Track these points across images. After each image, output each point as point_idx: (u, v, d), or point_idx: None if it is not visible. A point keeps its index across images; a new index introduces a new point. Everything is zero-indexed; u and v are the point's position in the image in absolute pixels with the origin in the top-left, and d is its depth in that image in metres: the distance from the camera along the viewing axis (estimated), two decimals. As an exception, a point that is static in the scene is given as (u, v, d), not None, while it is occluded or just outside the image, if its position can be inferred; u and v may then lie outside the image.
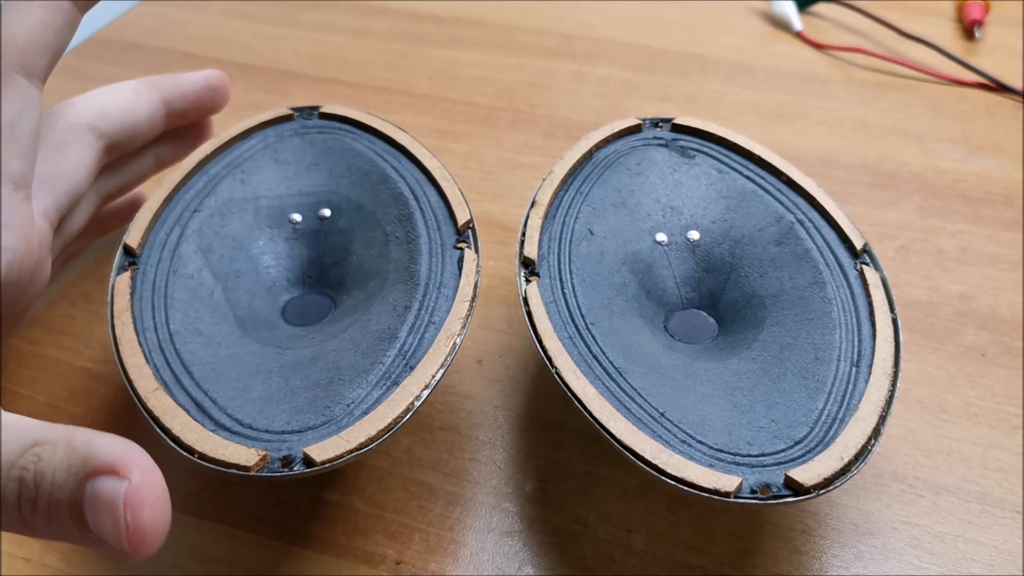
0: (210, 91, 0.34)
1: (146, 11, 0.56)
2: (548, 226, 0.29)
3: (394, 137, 0.32)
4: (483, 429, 0.30)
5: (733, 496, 0.21)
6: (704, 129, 0.32)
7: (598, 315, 0.26)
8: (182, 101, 0.33)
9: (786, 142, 0.43)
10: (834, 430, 0.23)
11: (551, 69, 0.49)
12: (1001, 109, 0.45)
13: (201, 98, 0.34)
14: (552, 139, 0.44)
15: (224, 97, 0.35)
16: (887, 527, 0.27)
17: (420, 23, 0.54)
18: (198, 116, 0.34)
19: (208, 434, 0.23)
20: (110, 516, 0.18)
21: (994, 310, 0.34)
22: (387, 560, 0.26)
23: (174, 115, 0.33)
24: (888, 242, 0.37)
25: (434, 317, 0.26)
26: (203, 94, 0.34)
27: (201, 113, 0.34)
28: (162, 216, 0.30)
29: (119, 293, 0.27)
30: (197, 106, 0.34)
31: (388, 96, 0.47)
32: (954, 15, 0.54)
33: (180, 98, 0.33)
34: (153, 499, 0.19)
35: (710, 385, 0.25)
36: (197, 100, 0.34)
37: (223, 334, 0.27)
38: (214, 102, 0.34)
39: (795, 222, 0.29)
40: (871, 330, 0.26)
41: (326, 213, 0.31)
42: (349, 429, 0.23)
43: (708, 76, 0.49)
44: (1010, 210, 0.39)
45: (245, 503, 0.28)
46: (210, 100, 0.34)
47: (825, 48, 0.51)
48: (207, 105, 0.34)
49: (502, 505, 0.28)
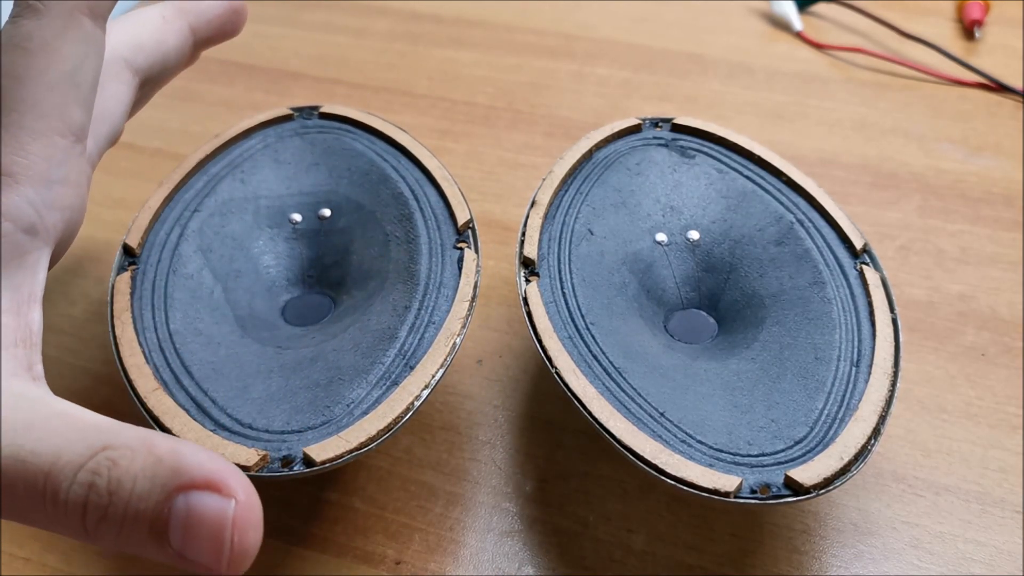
0: (233, 15, 0.32)
1: (146, 11, 0.56)
2: (548, 226, 0.29)
3: (394, 137, 0.32)
4: (483, 429, 0.30)
5: (733, 496, 0.21)
6: (704, 129, 0.32)
7: (598, 315, 0.26)
8: (208, 27, 0.31)
9: (786, 142, 0.43)
10: (834, 430, 0.23)
11: (551, 69, 0.49)
12: (1001, 109, 0.45)
13: (225, 23, 0.32)
14: (552, 139, 0.44)
15: (244, 18, 0.33)
16: (887, 527, 0.27)
17: (420, 23, 0.54)
18: (219, 40, 0.32)
19: (208, 434, 0.23)
20: (212, 536, 0.17)
21: (994, 310, 0.34)
22: (387, 560, 0.26)
23: (200, 42, 0.32)
24: (888, 242, 0.37)
25: (434, 317, 0.26)
26: (227, 18, 0.32)
27: (221, 38, 0.32)
28: (162, 216, 0.30)
29: (119, 293, 0.27)
30: (219, 32, 0.32)
31: (388, 96, 0.47)
32: (954, 15, 0.54)
33: (206, 24, 0.31)
34: (256, 521, 0.18)
35: (710, 385, 0.25)
36: (221, 25, 0.32)
37: (223, 334, 0.27)
38: (235, 25, 0.32)
39: (795, 222, 0.29)
40: (871, 330, 0.26)
41: (326, 213, 0.31)
42: (349, 429, 0.22)
43: (708, 76, 0.49)
44: (1010, 210, 0.39)
45: (245, 503, 0.28)
46: (232, 24, 0.32)
47: (825, 48, 0.51)
48: (229, 30, 0.32)
49: (502, 505, 0.28)
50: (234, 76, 0.49)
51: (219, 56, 0.51)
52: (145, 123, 0.45)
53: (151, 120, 0.46)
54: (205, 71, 0.50)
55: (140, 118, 0.45)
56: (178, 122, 0.46)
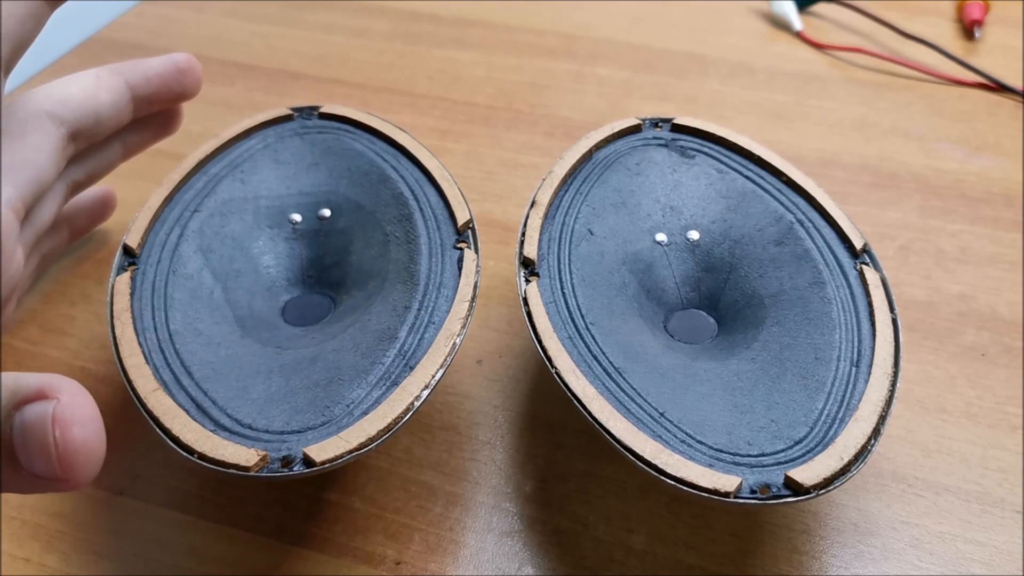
0: (177, 74, 0.33)
1: (146, 11, 0.56)
2: (548, 226, 0.29)
3: (394, 137, 0.32)
4: (483, 429, 0.30)
5: (733, 496, 0.21)
6: (704, 129, 0.32)
7: (598, 315, 0.26)
8: (147, 85, 0.32)
9: (786, 142, 0.43)
10: (834, 430, 0.23)
11: (551, 69, 0.49)
12: (1001, 109, 0.45)
13: (168, 81, 0.32)
14: (552, 139, 0.44)
15: (194, 80, 0.33)
16: (887, 527, 0.27)
17: (420, 23, 0.54)
18: (168, 101, 0.33)
19: (208, 434, 0.23)
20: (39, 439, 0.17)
21: (994, 310, 0.34)
22: (387, 560, 0.26)
23: (141, 100, 0.32)
24: (888, 242, 0.37)
25: (434, 317, 0.26)
26: (169, 77, 0.33)
27: (170, 98, 0.33)
28: (162, 216, 0.30)
29: (119, 293, 0.27)
30: (165, 90, 0.33)
31: (388, 96, 0.47)
32: (954, 15, 0.54)
33: (145, 82, 0.32)
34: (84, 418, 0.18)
35: (710, 385, 0.25)
36: (164, 84, 0.32)
37: (223, 334, 0.27)
38: (183, 85, 0.33)
39: (795, 222, 0.29)
40: (871, 330, 0.26)
41: (326, 213, 0.31)
42: (349, 429, 0.22)
43: (708, 76, 0.49)
44: (1010, 210, 0.39)
45: (245, 503, 0.28)
46: (178, 83, 0.33)
47: (825, 48, 0.51)
48: (176, 89, 0.33)
49: (502, 505, 0.28)
50: (234, 76, 0.49)
51: (219, 56, 0.51)
52: (145, 123, 0.45)
53: (151, 120, 0.46)
54: (205, 71, 0.50)
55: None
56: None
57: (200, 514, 0.28)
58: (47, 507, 0.28)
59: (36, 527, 0.27)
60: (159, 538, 0.27)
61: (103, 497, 0.28)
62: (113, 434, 0.30)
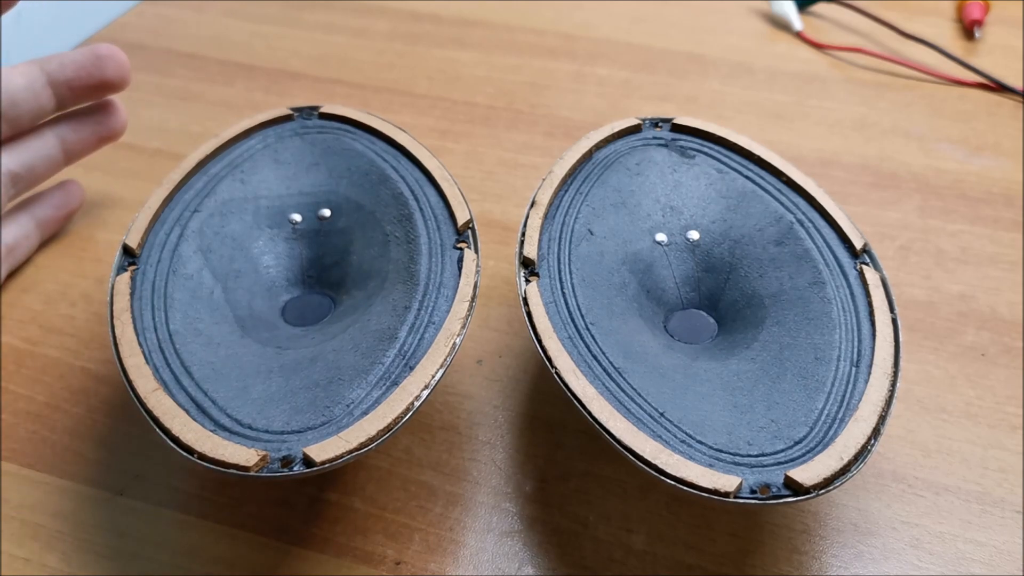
0: (95, 59, 0.33)
1: (146, 11, 0.56)
2: (548, 226, 0.29)
3: (394, 137, 0.32)
4: (483, 429, 0.30)
5: (733, 496, 0.21)
6: (704, 129, 0.32)
7: (598, 315, 0.26)
8: (63, 70, 0.33)
9: (786, 142, 0.43)
10: (834, 430, 0.23)
11: (551, 69, 0.49)
12: (1001, 109, 0.45)
13: (85, 66, 0.33)
14: (552, 139, 0.44)
15: (115, 67, 0.34)
16: (887, 527, 0.27)
17: (420, 23, 0.54)
18: (91, 89, 0.34)
19: (208, 434, 0.23)
20: None
21: (994, 310, 0.34)
22: (387, 560, 0.26)
23: (60, 85, 0.33)
24: (888, 242, 0.37)
25: (434, 317, 0.26)
26: (86, 62, 0.33)
27: (92, 84, 0.34)
28: (162, 216, 0.30)
29: (119, 293, 0.27)
30: (84, 75, 0.33)
31: (388, 96, 0.47)
32: (954, 15, 0.54)
33: (60, 67, 0.33)
34: None
35: (710, 385, 0.25)
36: (80, 68, 0.33)
37: (223, 334, 0.27)
38: (102, 71, 0.33)
39: (795, 222, 0.29)
40: (871, 330, 0.26)
41: (326, 213, 0.31)
42: (349, 429, 0.22)
43: (708, 76, 0.49)
44: (1010, 210, 0.39)
45: (245, 503, 0.28)
46: (96, 68, 0.33)
47: (825, 48, 0.51)
48: (94, 74, 0.33)
49: (502, 505, 0.28)
50: (234, 76, 0.49)
51: (219, 56, 0.51)
52: (145, 123, 0.45)
53: (151, 120, 0.46)
54: (205, 71, 0.50)
55: (140, 118, 0.46)
56: (178, 122, 0.46)
57: (200, 514, 0.28)
58: (47, 507, 0.28)
59: (36, 527, 0.27)
60: (159, 538, 0.27)
61: (103, 497, 0.28)
62: (113, 434, 0.30)
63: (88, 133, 0.36)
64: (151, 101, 0.47)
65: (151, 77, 0.49)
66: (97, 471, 0.29)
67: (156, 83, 0.49)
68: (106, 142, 0.37)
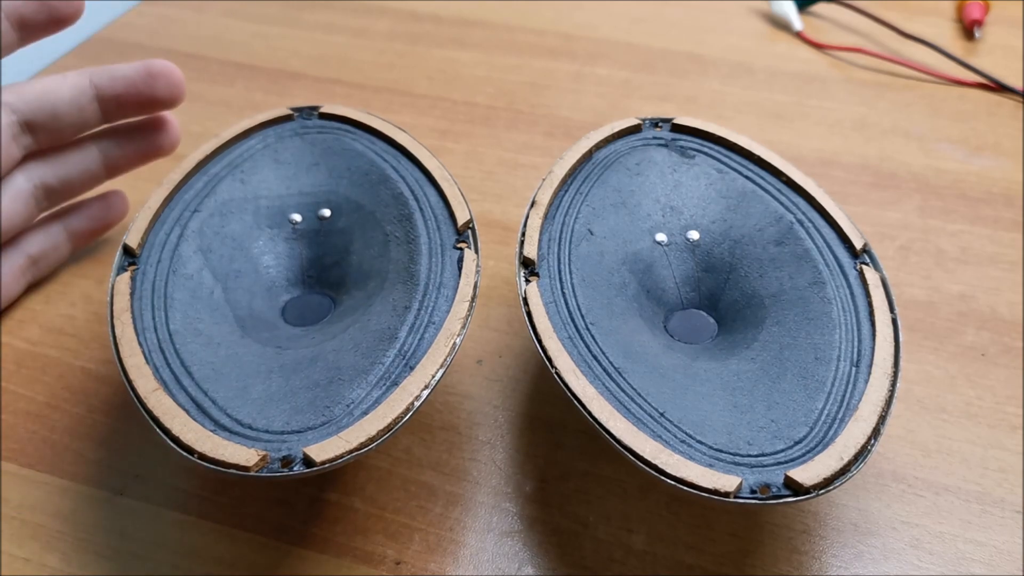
0: (147, 77, 0.32)
1: (146, 11, 0.56)
2: (548, 226, 0.29)
3: (394, 137, 0.32)
4: (483, 429, 0.30)
5: (733, 496, 0.21)
6: (704, 129, 0.32)
7: (598, 315, 0.26)
8: (113, 84, 0.32)
9: (786, 142, 0.43)
10: (834, 430, 0.23)
11: (551, 69, 0.49)
12: (1001, 109, 0.45)
13: (136, 83, 0.32)
14: (552, 139, 0.44)
15: (166, 85, 0.32)
16: (887, 527, 0.27)
17: (420, 23, 0.54)
18: (140, 106, 0.33)
19: (208, 434, 0.23)
20: None
21: (994, 310, 0.34)
22: (387, 560, 0.26)
23: (108, 100, 0.32)
24: (888, 242, 0.37)
25: (434, 317, 0.26)
26: (138, 79, 0.32)
27: (141, 101, 0.33)
28: (162, 216, 0.30)
29: (119, 293, 0.27)
30: (133, 92, 0.32)
31: (388, 96, 0.47)
32: (954, 15, 0.54)
33: (111, 81, 0.32)
34: None
35: (710, 385, 0.25)
36: (131, 84, 0.32)
37: (223, 334, 0.27)
38: (152, 88, 0.32)
39: (795, 222, 0.29)
40: (871, 330, 0.26)
41: (326, 213, 0.31)
42: (349, 429, 0.22)
43: (708, 76, 0.49)
44: (1010, 210, 0.39)
45: (245, 503, 0.28)
46: (147, 86, 0.32)
47: (825, 48, 0.51)
48: (145, 92, 0.32)
49: (502, 505, 0.28)
50: (234, 76, 0.49)
51: (219, 56, 0.51)
52: (145, 123, 0.45)
53: (151, 120, 0.46)
54: (205, 71, 0.50)
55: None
56: (178, 122, 0.46)
57: (200, 514, 0.28)
58: (47, 507, 0.28)
59: (36, 527, 0.27)
60: (159, 538, 0.27)
61: (103, 497, 0.28)
62: (113, 434, 0.30)
63: (135, 149, 0.34)
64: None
65: (151, 77, 0.49)
66: (97, 471, 0.29)
67: (156, 83, 0.49)
68: (153, 158, 0.35)
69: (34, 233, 0.35)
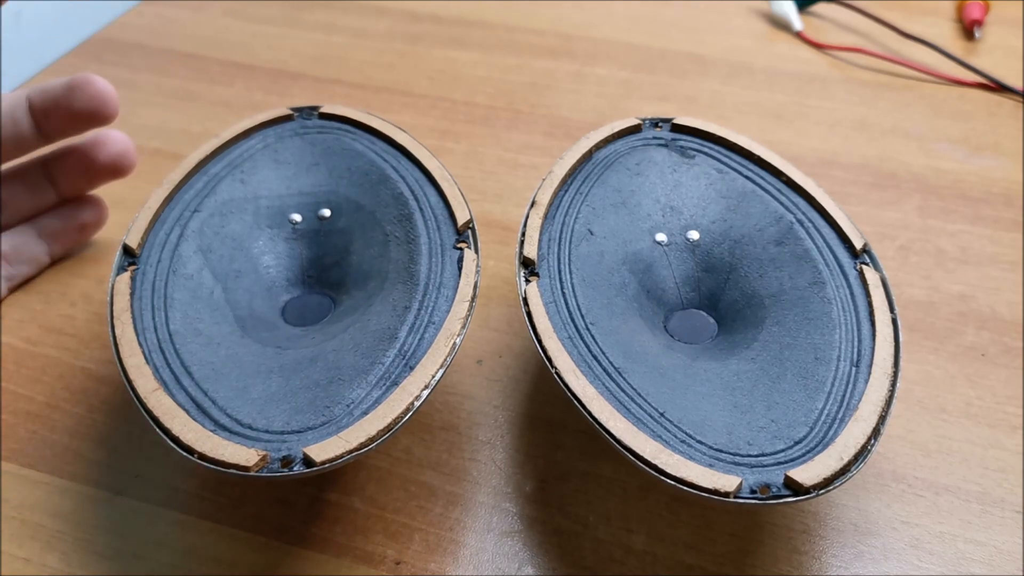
0: (67, 89, 0.32)
1: (146, 11, 0.56)
2: (548, 226, 0.29)
3: (394, 137, 0.32)
4: (483, 429, 0.30)
5: (733, 496, 0.21)
6: (704, 129, 0.32)
7: (598, 315, 0.26)
8: (42, 97, 0.33)
9: (786, 142, 0.43)
10: (834, 430, 0.23)
11: (551, 69, 0.49)
12: (1001, 109, 0.45)
13: (57, 96, 0.32)
14: (552, 139, 0.44)
15: (86, 97, 0.32)
16: (887, 527, 0.27)
17: (420, 23, 0.54)
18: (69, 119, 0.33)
19: (208, 434, 0.23)
20: None
21: (994, 310, 0.34)
22: (387, 560, 0.26)
23: (37, 113, 0.33)
24: (888, 242, 0.37)
25: (434, 317, 0.26)
26: (59, 91, 0.32)
27: (68, 115, 0.33)
28: (162, 216, 0.30)
29: (119, 293, 0.27)
30: (54, 105, 0.32)
31: (388, 96, 0.47)
32: (954, 15, 0.54)
33: (40, 93, 0.33)
34: None
35: (710, 385, 0.25)
36: (53, 97, 0.32)
37: (223, 334, 0.27)
38: (70, 101, 0.32)
39: (795, 222, 0.29)
40: (871, 330, 0.26)
41: (326, 213, 0.31)
42: (349, 429, 0.22)
43: (708, 76, 0.49)
44: (1010, 210, 0.39)
45: (245, 503, 0.28)
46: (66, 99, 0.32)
47: (825, 48, 0.51)
48: (63, 104, 0.32)
49: (502, 505, 0.28)
50: (234, 76, 0.49)
51: (219, 56, 0.51)
52: (145, 123, 0.45)
53: (151, 120, 0.46)
54: (205, 71, 0.50)
55: (140, 118, 0.46)
56: (178, 122, 0.46)
57: (200, 514, 0.28)
58: (47, 507, 0.28)
59: (36, 527, 0.27)
60: (159, 538, 0.27)
61: (103, 497, 0.28)
62: (113, 434, 0.30)
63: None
64: (151, 101, 0.47)
65: (151, 77, 0.49)
66: (97, 471, 0.29)
67: (156, 83, 0.49)
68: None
69: (7, 237, 0.35)
